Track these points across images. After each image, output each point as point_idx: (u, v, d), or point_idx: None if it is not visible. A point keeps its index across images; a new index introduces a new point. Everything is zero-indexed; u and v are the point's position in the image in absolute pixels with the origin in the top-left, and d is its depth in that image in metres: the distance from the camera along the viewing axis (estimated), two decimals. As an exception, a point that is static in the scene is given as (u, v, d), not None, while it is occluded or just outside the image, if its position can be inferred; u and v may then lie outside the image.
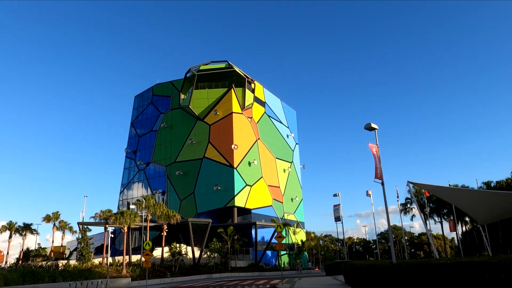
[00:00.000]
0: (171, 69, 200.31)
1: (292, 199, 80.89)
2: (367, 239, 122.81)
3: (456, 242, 77.64)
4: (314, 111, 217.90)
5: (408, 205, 68.83)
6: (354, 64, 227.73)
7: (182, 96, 75.91)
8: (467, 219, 62.07)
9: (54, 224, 65.06)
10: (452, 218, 54.35)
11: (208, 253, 51.68)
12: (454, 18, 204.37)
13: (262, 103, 79.48)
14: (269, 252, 63.41)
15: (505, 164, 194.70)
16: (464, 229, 68.76)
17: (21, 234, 65.60)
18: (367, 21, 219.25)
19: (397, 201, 52.18)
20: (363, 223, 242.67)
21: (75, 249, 57.94)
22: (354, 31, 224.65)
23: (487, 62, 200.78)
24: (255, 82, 77.21)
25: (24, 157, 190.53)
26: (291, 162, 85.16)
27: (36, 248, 77.41)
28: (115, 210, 49.33)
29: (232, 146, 66.48)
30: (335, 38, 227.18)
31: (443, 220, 64.64)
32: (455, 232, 58.52)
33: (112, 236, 57.74)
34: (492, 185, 59.66)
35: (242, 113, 71.91)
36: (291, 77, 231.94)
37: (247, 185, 67.20)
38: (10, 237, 64.46)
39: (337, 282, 24.02)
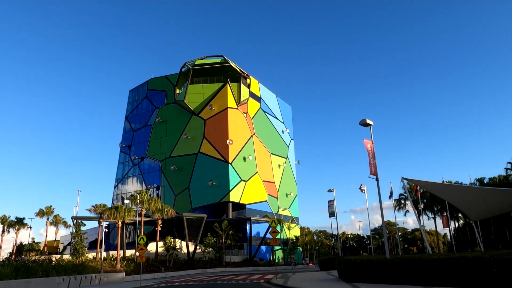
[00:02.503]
0: (166, 63, 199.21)
1: (287, 195, 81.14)
2: (361, 235, 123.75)
3: (449, 237, 78.39)
4: (309, 106, 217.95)
5: (402, 201, 69.38)
6: (349, 59, 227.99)
7: (177, 91, 75.55)
8: (460, 215, 62.64)
9: (48, 219, 64.82)
10: (445, 214, 54.80)
11: (203, 248, 51.76)
12: (449, 12, 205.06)
13: (258, 99, 79.41)
14: (263, 247, 63.71)
15: (498, 161, 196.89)
16: (457, 225, 69.38)
17: (14, 229, 65.31)
18: (362, 14, 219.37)
19: (390, 198, 52.24)
20: (357, 218, 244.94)
21: (69, 244, 57.69)
22: (349, 24, 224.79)
23: (482, 57, 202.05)
24: (250, 77, 77.06)
25: (17, 151, 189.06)
26: (286, 158, 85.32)
27: (30, 242, 77.05)
28: (109, 205, 49.17)
29: (227, 141, 66.42)
30: (330, 32, 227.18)
31: (436, 216, 65.20)
32: (448, 228, 59.04)
33: (106, 230, 57.54)
34: (485, 181, 60.12)
35: (237, 108, 71.79)
36: (287, 73, 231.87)
37: (242, 180, 67.27)
38: (3, 231, 64.22)
39: (331, 277, 24.12)
